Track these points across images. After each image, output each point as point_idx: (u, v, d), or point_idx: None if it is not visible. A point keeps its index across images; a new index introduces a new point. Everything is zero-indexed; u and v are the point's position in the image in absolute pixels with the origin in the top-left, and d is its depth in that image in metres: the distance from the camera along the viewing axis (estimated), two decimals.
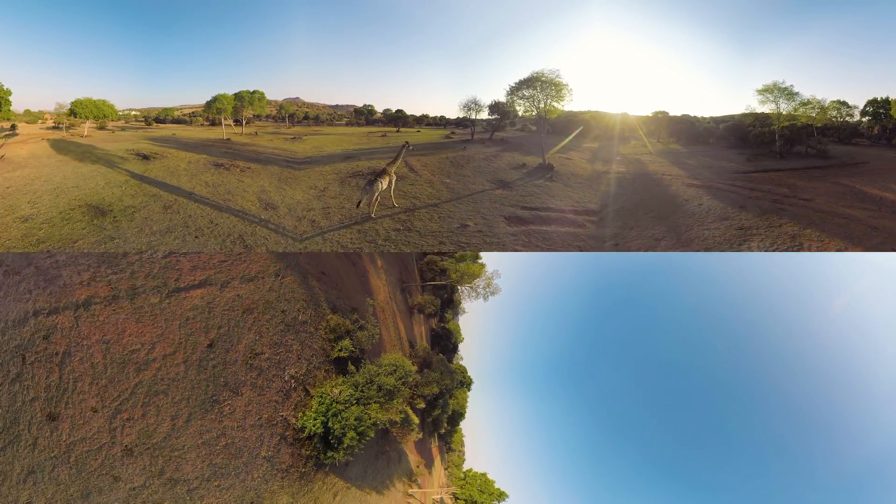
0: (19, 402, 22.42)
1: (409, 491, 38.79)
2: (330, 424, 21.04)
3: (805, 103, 65.33)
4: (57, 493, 21.85)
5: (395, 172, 35.27)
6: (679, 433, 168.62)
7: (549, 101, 60.97)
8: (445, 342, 68.82)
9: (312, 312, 27.16)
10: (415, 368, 30.31)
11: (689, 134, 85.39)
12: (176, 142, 66.71)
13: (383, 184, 34.11)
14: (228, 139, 68.96)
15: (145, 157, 51.53)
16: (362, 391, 23.32)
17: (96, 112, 70.60)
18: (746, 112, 74.55)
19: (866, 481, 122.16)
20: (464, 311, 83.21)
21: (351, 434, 21.14)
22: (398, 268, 59.72)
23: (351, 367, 25.76)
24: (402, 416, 26.10)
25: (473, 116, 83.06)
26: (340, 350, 25.88)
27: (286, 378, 23.68)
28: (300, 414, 22.50)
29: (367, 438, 22.27)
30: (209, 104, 74.85)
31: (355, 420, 21.45)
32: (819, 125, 66.30)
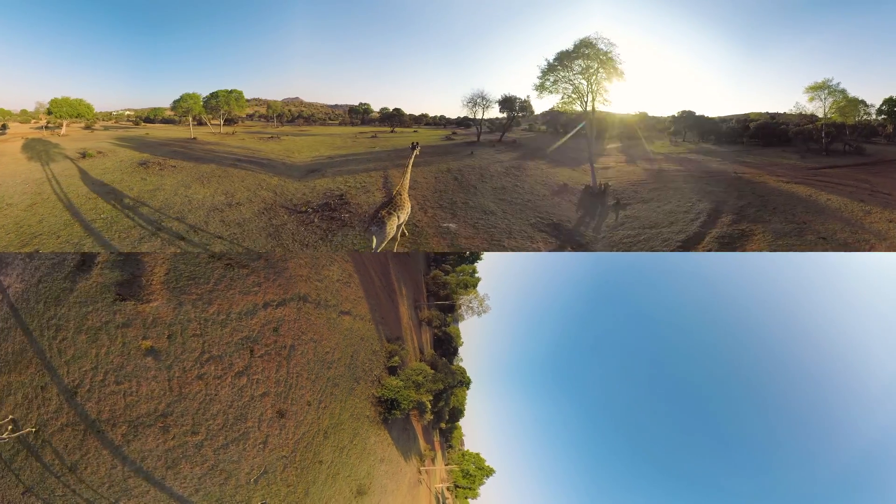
0: (247, 396, 22.77)
1: (421, 468, 46.99)
2: (395, 396, 34.64)
3: (852, 100, 62.82)
4: (289, 495, 22.44)
5: (407, 195, 26.50)
6: (672, 430, 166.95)
7: (600, 81, 42.68)
8: (447, 346, 74.61)
9: (379, 345, 37.89)
10: (432, 372, 42.52)
11: (717, 133, 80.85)
12: (138, 141, 64.63)
13: (401, 216, 25.59)
14: (194, 138, 65.67)
15: (83, 156, 49.80)
16: (405, 383, 36.36)
17: (71, 111, 68.02)
18: (795, 111, 70.07)
19: (858, 479, 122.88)
20: (462, 318, 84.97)
21: (406, 402, 35.18)
22: (413, 289, 65.42)
23: (399, 371, 38.35)
24: (425, 398, 38.75)
25: (480, 115, 66.48)
26: (393, 362, 38.46)
27: (374, 375, 34.90)
28: (380, 390, 34.58)
29: (411, 407, 36.25)
30: (175, 103, 71.24)
31: (406, 395, 35.61)
32: (851, 123, 64.68)
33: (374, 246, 23.95)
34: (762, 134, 77.45)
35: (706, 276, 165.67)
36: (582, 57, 41.72)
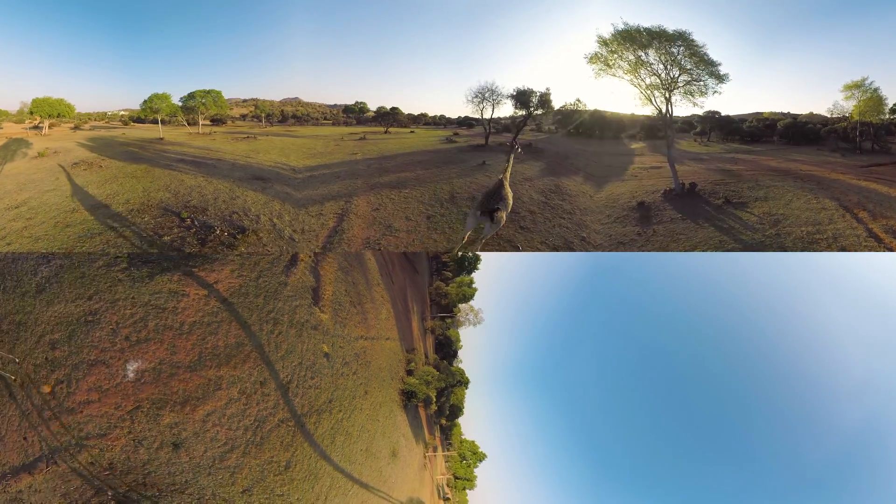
0: (357, 385, 31.83)
1: (426, 454, 56.99)
2: (414, 389, 45.57)
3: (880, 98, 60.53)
4: (368, 437, 32.19)
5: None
6: (661, 425, 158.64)
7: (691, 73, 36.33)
8: (447, 349, 79.82)
9: (402, 355, 47.78)
10: (436, 373, 55.91)
11: (740, 133, 77.75)
12: (106, 141, 61.41)
13: (509, 203, 24.79)
14: (161, 138, 63.26)
15: (38, 156, 49.30)
16: (419, 381, 47.57)
17: (51, 111, 64.32)
18: (834, 110, 67.31)
19: (834, 474, 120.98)
20: (461, 324, 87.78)
21: (420, 394, 46.33)
22: (420, 303, 71.19)
23: (414, 372, 49.06)
24: (431, 393, 51.44)
25: (490, 113, 55.82)
26: (410, 366, 48.70)
27: (399, 375, 45.57)
28: (402, 384, 45.28)
29: (423, 397, 47.39)
30: (144, 104, 66.48)
31: (421, 389, 46.69)
32: (876, 122, 63.21)
33: (484, 234, 26.21)
34: (791, 133, 75.52)
35: (696, 277, 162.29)
36: (667, 39, 35.18)
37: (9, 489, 19.12)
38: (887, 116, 62.77)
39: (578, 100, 78.98)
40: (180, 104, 67.77)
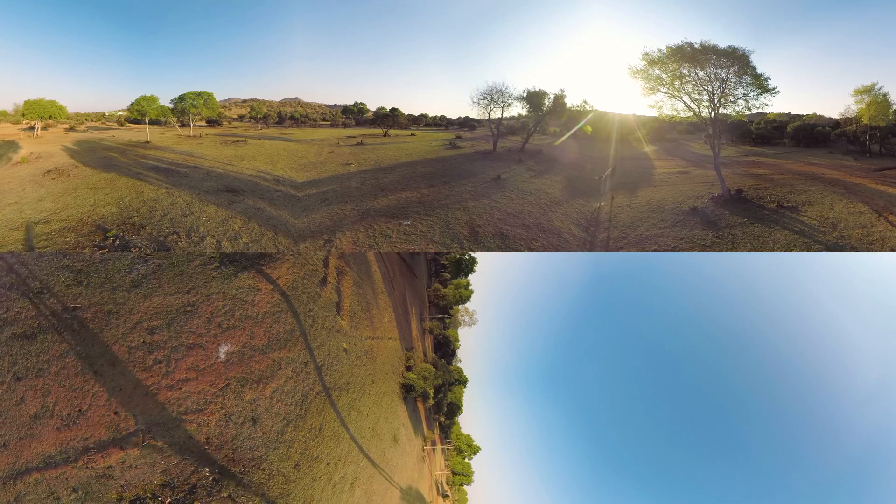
0: (367, 372, 37.72)
1: (425, 447, 59.74)
2: (412, 383, 49.33)
3: (889, 104, 60.63)
4: (374, 419, 36.14)
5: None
6: (665, 429, 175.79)
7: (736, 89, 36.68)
8: (446, 348, 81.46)
9: (402, 353, 52.03)
10: (434, 370, 58.04)
11: (753, 135, 75.64)
12: (92, 144, 59.61)
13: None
14: (148, 142, 61.75)
15: (19, 162, 48.21)
16: (417, 376, 51.30)
17: (42, 113, 61.84)
18: (845, 114, 65.72)
19: (851, 477, 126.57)
20: (459, 324, 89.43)
21: (418, 387, 49.87)
22: (419, 305, 73.37)
23: (413, 368, 53.02)
24: (429, 388, 54.42)
25: (499, 115, 51.81)
26: (409, 363, 52.33)
27: (400, 370, 49.20)
28: (402, 379, 49.06)
29: (420, 391, 51.03)
30: (131, 106, 63.12)
31: (419, 383, 50.35)
32: (883, 125, 63.58)
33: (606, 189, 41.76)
34: (801, 136, 75.31)
35: (701, 277, 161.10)
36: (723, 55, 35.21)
37: (93, 464, 19.38)
38: (891, 118, 65.76)
39: (585, 101, 76.17)
40: (171, 106, 66.09)
